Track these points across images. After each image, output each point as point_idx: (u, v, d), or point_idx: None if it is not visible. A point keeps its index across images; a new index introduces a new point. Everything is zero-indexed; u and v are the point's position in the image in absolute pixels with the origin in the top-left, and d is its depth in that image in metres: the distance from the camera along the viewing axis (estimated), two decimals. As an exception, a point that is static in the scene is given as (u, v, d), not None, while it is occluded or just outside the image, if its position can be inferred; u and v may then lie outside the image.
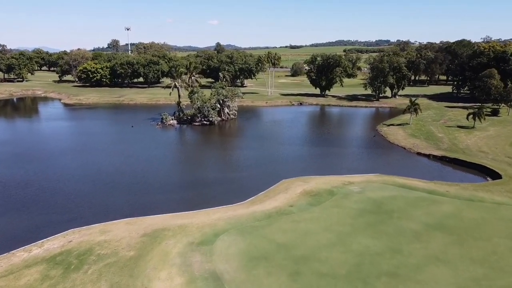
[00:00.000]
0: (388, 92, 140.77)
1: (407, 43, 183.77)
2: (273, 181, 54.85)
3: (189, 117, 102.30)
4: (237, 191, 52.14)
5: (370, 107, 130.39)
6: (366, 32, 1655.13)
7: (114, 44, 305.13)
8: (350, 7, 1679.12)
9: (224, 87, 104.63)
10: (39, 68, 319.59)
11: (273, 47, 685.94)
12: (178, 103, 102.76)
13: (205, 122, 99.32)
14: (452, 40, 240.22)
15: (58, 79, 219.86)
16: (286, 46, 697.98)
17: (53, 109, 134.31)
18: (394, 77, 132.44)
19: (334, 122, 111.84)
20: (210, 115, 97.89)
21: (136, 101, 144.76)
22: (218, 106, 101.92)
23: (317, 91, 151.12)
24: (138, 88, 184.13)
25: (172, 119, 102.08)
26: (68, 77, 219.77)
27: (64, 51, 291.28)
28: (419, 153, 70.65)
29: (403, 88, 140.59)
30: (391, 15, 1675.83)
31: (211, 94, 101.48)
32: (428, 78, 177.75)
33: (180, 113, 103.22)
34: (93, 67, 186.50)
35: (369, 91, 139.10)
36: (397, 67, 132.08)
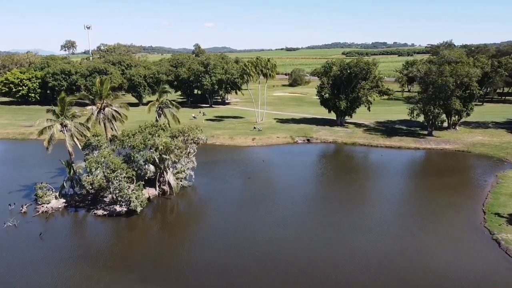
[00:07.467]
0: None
1: (450, 44, 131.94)
2: None
3: (90, 195, 50.41)
4: None
5: (424, 149, 78.88)
6: (362, 34, 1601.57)
7: (68, 46, 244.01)
8: (345, 8, 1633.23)
9: (164, 128, 52.48)
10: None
11: (269, 50, 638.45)
12: (69, 164, 50.63)
13: (118, 208, 47.15)
14: (456, 43, 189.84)
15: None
16: (282, 49, 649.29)
17: None
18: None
19: (378, 194, 59.49)
20: (126, 198, 45.60)
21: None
22: (152, 168, 50.05)
23: (331, 115, 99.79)
24: (79, 106, 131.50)
25: (55, 197, 50.10)
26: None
27: (9, 54, 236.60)
28: None
29: (468, 115, 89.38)
30: (388, 17, 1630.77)
31: (137, 143, 48.61)
32: (482, 94, 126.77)
33: (74, 185, 51.16)
34: (18, 78, 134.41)
35: (407, 116, 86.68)
36: (465, 83, 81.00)
